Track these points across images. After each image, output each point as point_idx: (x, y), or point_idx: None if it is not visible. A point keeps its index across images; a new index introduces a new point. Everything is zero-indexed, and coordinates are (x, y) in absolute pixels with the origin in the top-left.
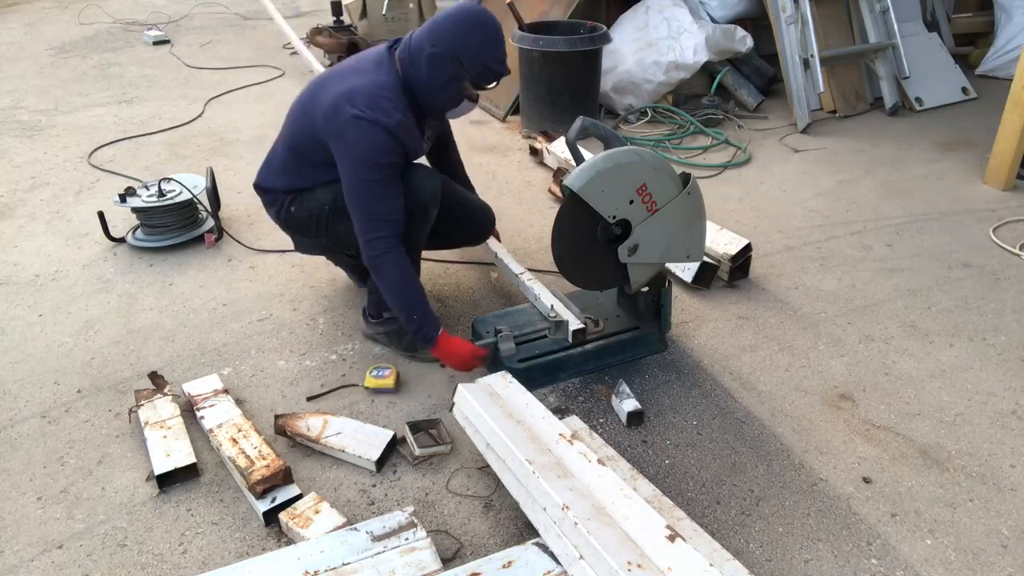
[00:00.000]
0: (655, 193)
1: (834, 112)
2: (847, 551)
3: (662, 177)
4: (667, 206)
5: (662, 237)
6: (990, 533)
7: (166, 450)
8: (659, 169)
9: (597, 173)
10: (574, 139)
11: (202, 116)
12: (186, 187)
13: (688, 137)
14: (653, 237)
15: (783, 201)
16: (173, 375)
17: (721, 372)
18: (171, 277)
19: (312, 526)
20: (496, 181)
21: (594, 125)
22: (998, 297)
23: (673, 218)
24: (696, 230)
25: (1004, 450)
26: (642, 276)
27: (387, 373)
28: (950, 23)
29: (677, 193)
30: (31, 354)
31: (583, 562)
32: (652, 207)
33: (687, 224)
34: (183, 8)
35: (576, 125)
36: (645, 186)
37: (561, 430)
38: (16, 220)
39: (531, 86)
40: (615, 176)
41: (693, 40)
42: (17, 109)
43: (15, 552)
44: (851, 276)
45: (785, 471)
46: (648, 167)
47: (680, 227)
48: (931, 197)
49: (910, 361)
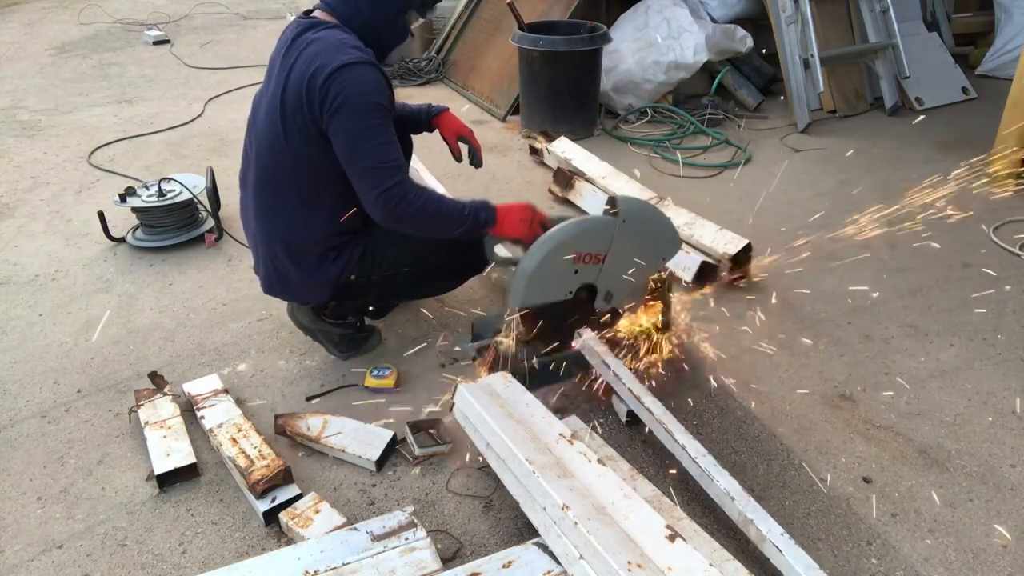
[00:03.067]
0: (592, 248)
1: (834, 112)
2: (847, 551)
3: (587, 235)
4: (612, 247)
5: (626, 267)
6: (990, 533)
7: (166, 450)
8: (581, 232)
9: (528, 280)
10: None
11: (202, 116)
12: (186, 187)
13: (688, 137)
14: (618, 276)
15: (783, 201)
16: (173, 375)
17: (721, 372)
18: (171, 277)
19: (312, 526)
20: (496, 181)
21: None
22: (998, 297)
23: (625, 248)
24: (656, 232)
25: (1004, 450)
26: (631, 296)
27: (387, 373)
28: (950, 23)
29: (613, 231)
30: (31, 354)
31: (583, 562)
32: (598, 259)
33: (643, 238)
34: (183, 8)
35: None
36: (578, 253)
37: (561, 430)
38: (16, 220)
39: (531, 86)
40: (545, 272)
41: (693, 40)
42: (17, 109)
43: (15, 552)
44: (851, 276)
45: (785, 471)
46: (569, 240)
47: (636, 247)
48: (931, 197)
49: (910, 361)
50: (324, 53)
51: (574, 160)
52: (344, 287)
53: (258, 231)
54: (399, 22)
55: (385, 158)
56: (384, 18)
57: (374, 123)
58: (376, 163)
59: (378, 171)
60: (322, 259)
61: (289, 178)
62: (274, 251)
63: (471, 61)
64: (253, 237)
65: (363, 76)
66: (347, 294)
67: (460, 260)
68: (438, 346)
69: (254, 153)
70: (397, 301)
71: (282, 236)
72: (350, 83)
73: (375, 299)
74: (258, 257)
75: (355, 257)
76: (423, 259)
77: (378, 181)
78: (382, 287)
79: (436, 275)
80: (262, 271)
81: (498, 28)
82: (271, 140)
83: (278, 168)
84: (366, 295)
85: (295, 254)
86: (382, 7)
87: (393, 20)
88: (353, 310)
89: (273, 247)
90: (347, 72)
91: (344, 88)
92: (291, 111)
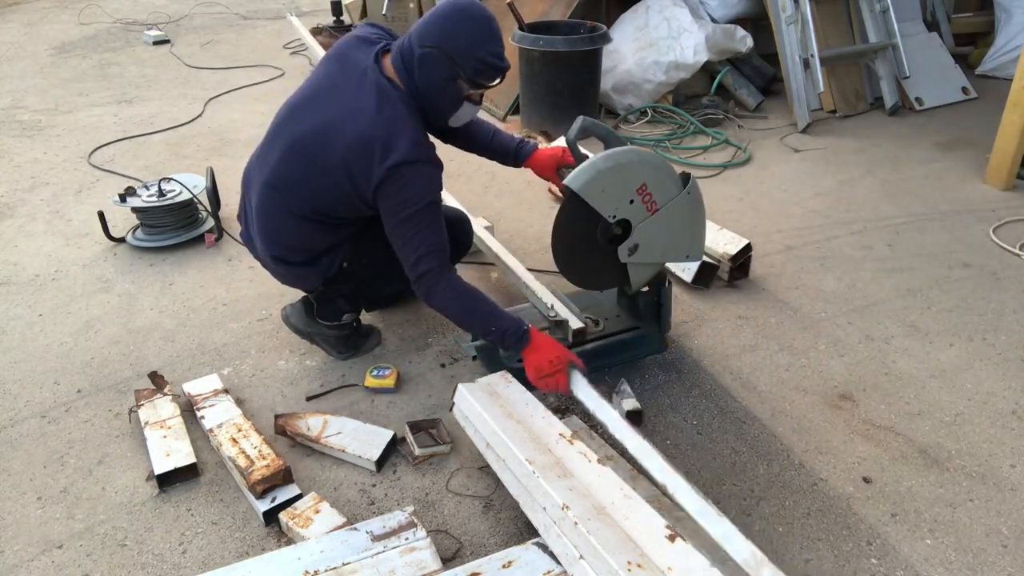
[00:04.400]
0: (655, 193)
1: (834, 112)
2: (847, 551)
3: (662, 177)
4: (667, 206)
5: (662, 237)
6: (990, 533)
7: (166, 450)
8: (659, 169)
9: (597, 172)
10: (574, 138)
11: (202, 116)
12: (186, 187)
13: (688, 137)
14: (653, 237)
15: (783, 201)
16: (173, 375)
17: (721, 372)
18: (171, 277)
19: (312, 526)
20: (496, 181)
21: (594, 125)
22: (998, 297)
23: (673, 218)
24: (696, 230)
25: (1004, 450)
26: (642, 276)
27: (387, 373)
28: (950, 23)
29: (677, 193)
30: (31, 354)
31: (583, 562)
32: (652, 207)
33: (687, 224)
34: (183, 8)
35: (576, 124)
36: (645, 186)
37: (561, 430)
38: (16, 220)
39: (531, 86)
40: (615, 176)
41: (693, 40)
42: (17, 109)
43: (15, 552)
44: (851, 276)
45: (785, 471)
46: (648, 167)
47: (680, 227)
48: (931, 197)
49: (910, 361)
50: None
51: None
52: (335, 275)
53: (257, 220)
54: (449, 91)
55: (431, 244)
56: (432, 88)
57: (427, 214)
58: (424, 248)
59: (424, 256)
60: (317, 257)
61: (309, 197)
62: (269, 247)
63: None
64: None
65: (424, 178)
66: (336, 280)
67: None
68: (438, 346)
69: (279, 151)
70: (386, 289)
71: (282, 238)
72: (409, 185)
73: (364, 286)
74: (252, 237)
75: (346, 249)
76: None
77: (413, 265)
78: (369, 273)
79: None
80: (258, 253)
81: None
82: (301, 160)
83: (297, 185)
84: (355, 281)
85: (292, 251)
86: (429, 76)
87: (442, 89)
88: (345, 304)
89: (270, 243)
90: (408, 171)
91: (401, 188)
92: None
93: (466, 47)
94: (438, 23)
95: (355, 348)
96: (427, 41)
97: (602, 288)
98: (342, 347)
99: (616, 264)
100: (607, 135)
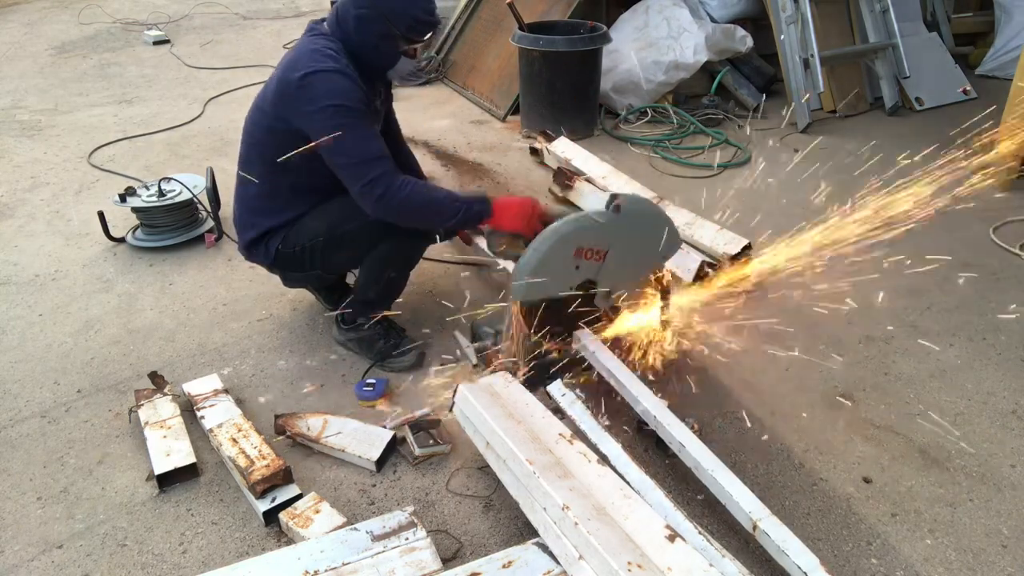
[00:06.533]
0: (593, 244)
1: (834, 112)
2: (847, 551)
3: (587, 230)
4: (613, 244)
5: (627, 264)
6: (990, 533)
7: (166, 450)
8: (583, 227)
9: (527, 280)
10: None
11: (202, 116)
12: (186, 187)
13: (688, 137)
14: (619, 272)
15: (783, 201)
16: (173, 375)
17: (721, 372)
18: (171, 277)
19: (312, 526)
20: (496, 182)
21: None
22: (998, 297)
23: (625, 246)
24: (656, 230)
25: (1004, 450)
26: (632, 293)
27: (372, 395)
28: (950, 23)
29: (612, 227)
30: (31, 354)
31: (583, 562)
32: (599, 256)
33: (643, 236)
34: (183, 8)
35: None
36: (580, 248)
37: (561, 430)
38: (16, 220)
39: (531, 86)
40: (546, 267)
41: (693, 40)
42: (17, 109)
43: (15, 552)
44: (851, 276)
45: (785, 471)
46: (569, 235)
47: (638, 245)
48: (931, 197)
49: (910, 361)
50: (300, 59)
51: (574, 160)
52: (276, 256)
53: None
54: (384, 46)
55: (365, 152)
56: (368, 44)
57: (349, 121)
58: (359, 158)
59: (361, 165)
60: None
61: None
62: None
63: (471, 61)
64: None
65: (332, 83)
66: (285, 265)
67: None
68: (438, 346)
69: (246, 127)
70: (327, 271)
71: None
72: (319, 90)
73: (310, 268)
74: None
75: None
76: (334, 227)
77: (360, 174)
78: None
79: (350, 244)
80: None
81: (498, 28)
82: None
83: (253, 144)
84: (299, 266)
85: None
86: (365, 32)
87: (377, 44)
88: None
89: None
90: (314, 80)
91: (314, 97)
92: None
93: (400, 7)
94: None
95: (382, 356)
96: (361, 3)
97: None
98: (368, 351)
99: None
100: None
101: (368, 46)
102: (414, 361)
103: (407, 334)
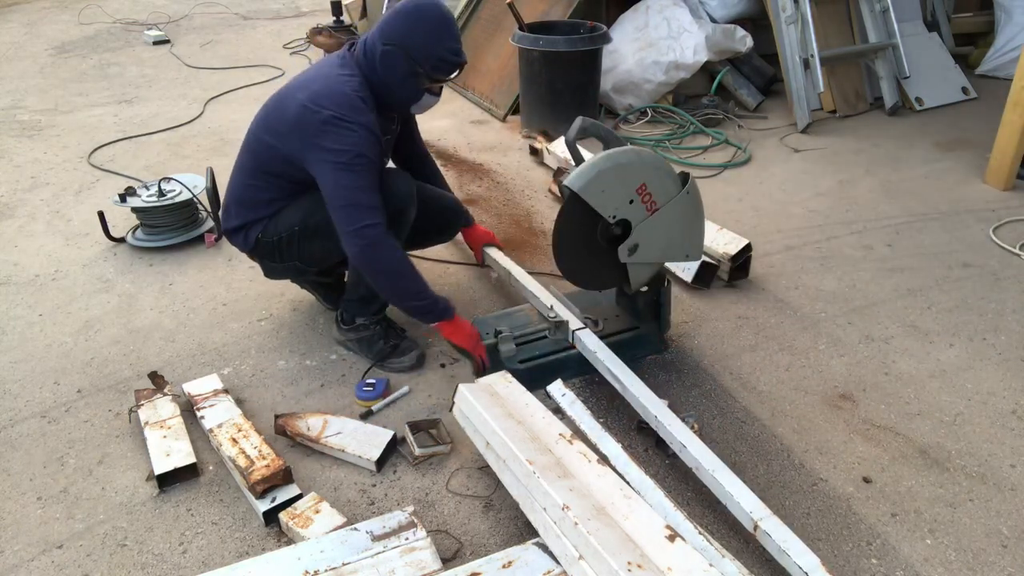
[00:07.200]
0: (654, 193)
1: (834, 112)
2: (847, 551)
3: (661, 176)
4: (666, 206)
5: (661, 236)
6: (990, 533)
7: (166, 450)
8: (659, 168)
9: (597, 173)
10: (573, 139)
11: (202, 116)
12: (186, 187)
13: (688, 137)
14: (652, 237)
15: (783, 201)
16: (173, 375)
17: (721, 372)
18: (171, 277)
19: (312, 526)
20: (496, 182)
21: (593, 125)
22: (998, 297)
23: (672, 217)
24: (695, 229)
25: (1004, 450)
26: (641, 276)
27: (370, 395)
28: (950, 23)
29: (676, 192)
30: (31, 354)
31: (583, 562)
32: (652, 207)
33: (686, 223)
34: (183, 8)
35: (575, 125)
36: (645, 186)
37: (561, 430)
38: (16, 220)
39: (531, 86)
40: (615, 176)
41: (693, 40)
42: (17, 109)
43: (15, 552)
44: (851, 276)
45: (785, 471)
46: (648, 166)
47: (679, 226)
48: (931, 197)
49: (910, 361)
50: (324, 99)
51: (573, 160)
52: (256, 244)
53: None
54: (409, 83)
55: (362, 201)
56: (392, 82)
57: (355, 170)
58: (354, 203)
59: (354, 210)
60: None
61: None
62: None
63: (471, 61)
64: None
65: (353, 134)
66: (264, 255)
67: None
68: (438, 346)
69: (252, 128)
70: (304, 263)
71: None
72: (338, 138)
73: (288, 259)
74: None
75: (264, 223)
76: (308, 217)
77: (352, 219)
78: (283, 245)
79: (324, 234)
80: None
81: (498, 28)
82: (261, 128)
83: (253, 147)
84: (279, 256)
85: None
86: (390, 69)
87: (402, 83)
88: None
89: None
90: (337, 126)
91: (332, 142)
92: (284, 125)
93: (424, 47)
94: (399, 22)
95: (382, 357)
96: (388, 39)
97: (602, 288)
98: (368, 352)
99: (616, 264)
100: (606, 135)
101: (393, 83)
102: (414, 362)
103: (407, 334)
